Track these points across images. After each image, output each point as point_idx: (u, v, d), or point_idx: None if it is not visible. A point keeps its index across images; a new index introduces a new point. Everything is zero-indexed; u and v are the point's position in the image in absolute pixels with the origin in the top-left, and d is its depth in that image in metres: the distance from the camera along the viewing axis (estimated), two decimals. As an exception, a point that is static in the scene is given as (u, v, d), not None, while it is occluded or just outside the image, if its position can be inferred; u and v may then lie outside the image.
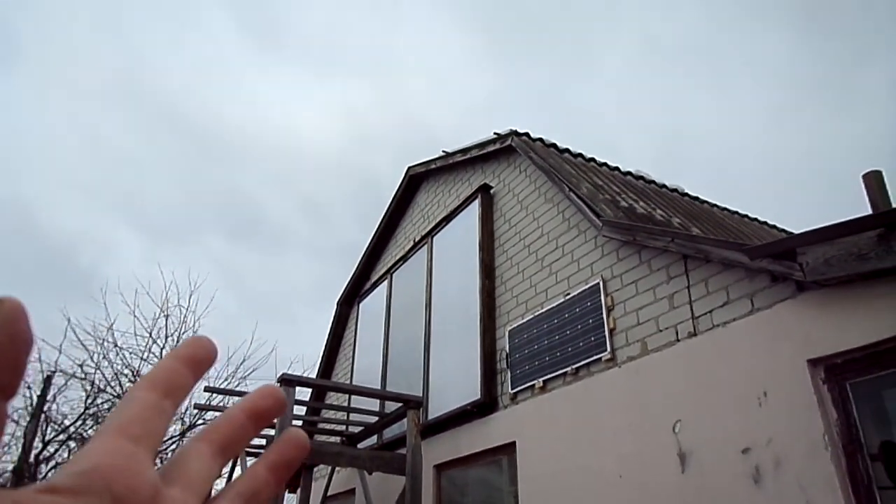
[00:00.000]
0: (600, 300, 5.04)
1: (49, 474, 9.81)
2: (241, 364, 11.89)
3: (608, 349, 4.80)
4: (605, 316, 4.94)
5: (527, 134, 7.05)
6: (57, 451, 9.92)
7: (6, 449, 9.48)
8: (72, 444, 10.10)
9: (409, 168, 9.49)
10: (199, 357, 0.34)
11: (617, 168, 7.71)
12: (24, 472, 9.20)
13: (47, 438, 9.84)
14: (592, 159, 7.51)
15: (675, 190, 8.30)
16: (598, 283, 5.10)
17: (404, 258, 8.90)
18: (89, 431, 10.19)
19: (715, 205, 8.84)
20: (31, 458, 9.56)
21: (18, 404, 9.96)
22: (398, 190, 9.76)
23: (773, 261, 3.53)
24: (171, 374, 0.32)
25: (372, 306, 9.62)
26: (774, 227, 9.51)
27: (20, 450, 9.53)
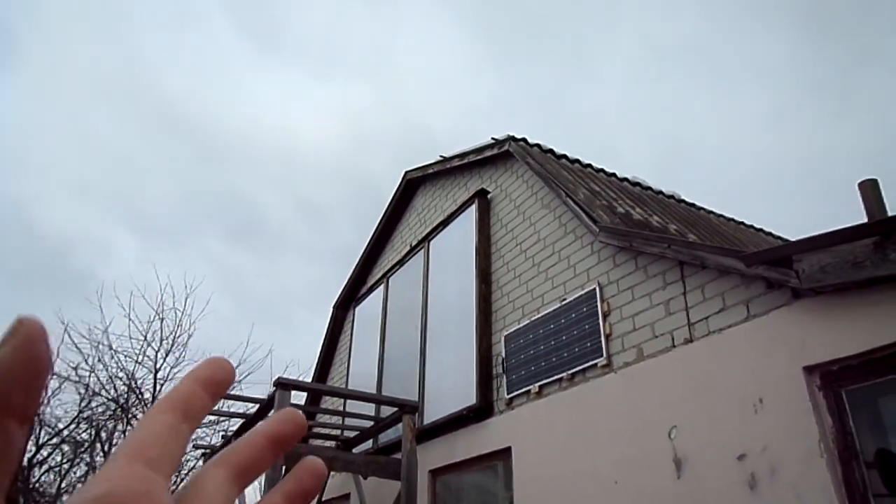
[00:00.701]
0: (596, 306, 5.04)
1: (42, 478, 9.76)
2: (237, 367, 11.84)
3: (604, 355, 4.80)
4: (601, 321, 4.94)
5: (524, 139, 7.06)
6: (50, 454, 9.88)
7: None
8: (65, 447, 10.06)
9: (407, 172, 9.50)
10: (218, 379, 0.33)
11: (614, 174, 7.73)
12: (17, 476, 9.16)
13: (41, 442, 9.78)
14: (589, 165, 7.52)
15: (671, 196, 8.32)
16: (595, 289, 5.11)
17: (401, 262, 8.90)
18: (83, 435, 10.15)
19: (711, 211, 8.86)
20: (24, 462, 9.50)
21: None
22: (395, 194, 9.76)
23: (770, 268, 3.54)
24: (189, 396, 0.32)
25: (368, 310, 9.61)
26: (770, 234, 9.53)
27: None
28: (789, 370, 3.43)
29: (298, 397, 9.05)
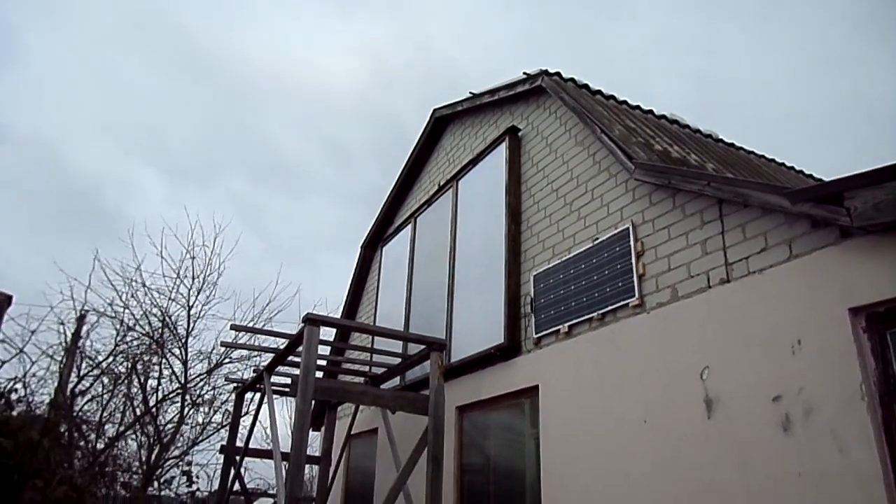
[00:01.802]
0: (630, 245, 4.92)
1: (85, 406, 10.16)
2: (267, 305, 12.03)
3: (636, 295, 4.71)
4: (634, 261, 4.83)
5: (558, 73, 6.80)
6: (91, 385, 10.24)
7: (42, 382, 9.79)
8: (105, 379, 10.41)
9: (435, 110, 9.29)
10: None
11: (651, 111, 7.45)
12: (62, 405, 9.53)
13: (82, 373, 10.14)
14: (625, 101, 7.25)
15: (709, 135, 8.02)
16: (628, 228, 4.97)
17: (429, 202, 8.81)
18: (120, 368, 10.47)
19: (751, 151, 8.54)
20: (68, 392, 9.88)
21: (53, 340, 10.26)
22: (423, 132, 9.59)
23: (816, 205, 3.37)
24: None
25: (396, 250, 9.61)
26: (811, 176, 9.18)
27: (56, 383, 9.86)
28: (832, 311, 3.30)
29: (327, 334, 9.20)
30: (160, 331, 10.76)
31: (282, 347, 7.23)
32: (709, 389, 3.93)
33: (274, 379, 7.80)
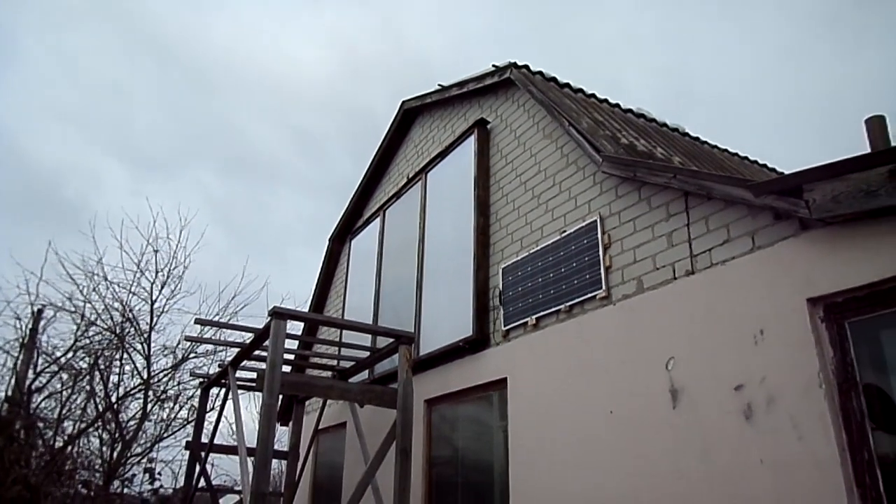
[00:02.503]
0: (597, 238, 4.95)
1: (42, 404, 9.88)
2: (233, 299, 11.86)
3: (603, 287, 4.75)
4: (601, 254, 4.87)
5: (526, 66, 6.81)
6: (49, 381, 9.97)
7: (-1, 379, 9.49)
8: (64, 375, 10.14)
9: (404, 102, 9.23)
10: None
11: (617, 105, 7.51)
12: (19, 402, 9.25)
13: (39, 369, 9.85)
14: (593, 95, 7.29)
15: (675, 129, 8.13)
16: (596, 221, 5.01)
17: (397, 195, 8.76)
18: (80, 363, 10.21)
19: (715, 146, 8.69)
20: (24, 388, 9.60)
21: (9, 335, 9.94)
22: (392, 124, 9.52)
23: (778, 197, 3.43)
24: None
25: (364, 243, 9.53)
26: (774, 169, 9.38)
27: (12, 379, 9.56)
28: (792, 302, 3.37)
29: (295, 328, 9.09)
30: (122, 325, 10.52)
31: (248, 342, 7.12)
32: (674, 380, 3.99)
33: (240, 374, 7.68)
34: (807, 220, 3.35)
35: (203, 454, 8.22)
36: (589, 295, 4.88)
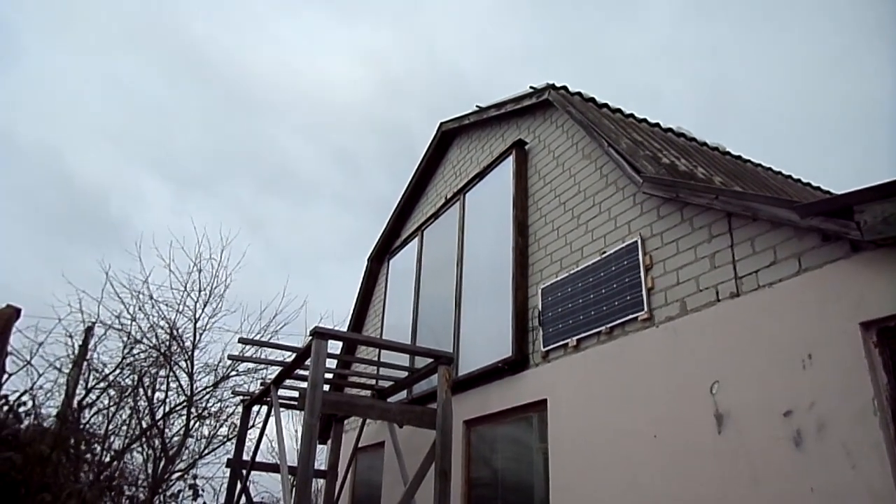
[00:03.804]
0: (638, 259, 4.92)
1: (91, 419, 10.17)
2: (273, 318, 12.04)
3: (645, 308, 4.70)
4: (642, 275, 4.83)
5: (564, 87, 6.83)
6: (98, 397, 10.25)
7: (49, 395, 9.81)
8: (111, 391, 10.42)
9: (442, 124, 9.34)
10: None
11: (657, 124, 7.47)
12: (68, 417, 9.54)
13: (89, 385, 10.15)
14: (632, 115, 7.27)
15: (716, 148, 8.03)
16: (636, 242, 4.97)
17: (435, 215, 8.83)
18: (126, 380, 10.48)
19: (759, 164, 8.54)
20: (74, 404, 9.90)
21: (60, 353, 10.28)
22: (430, 146, 9.63)
23: (826, 219, 3.37)
24: None
25: (402, 263, 9.62)
26: (819, 188, 9.17)
27: (63, 395, 9.88)
28: (843, 326, 3.29)
29: (334, 347, 9.20)
30: (167, 343, 10.79)
31: (289, 361, 7.23)
32: (719, 404, 3.92)
33: (281, 392, 7.80)
34: (857, 241, 3.28)
35: (244, 471, 8.34)
36: (630, 316, 4.83)
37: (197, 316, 11.04)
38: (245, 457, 8.52)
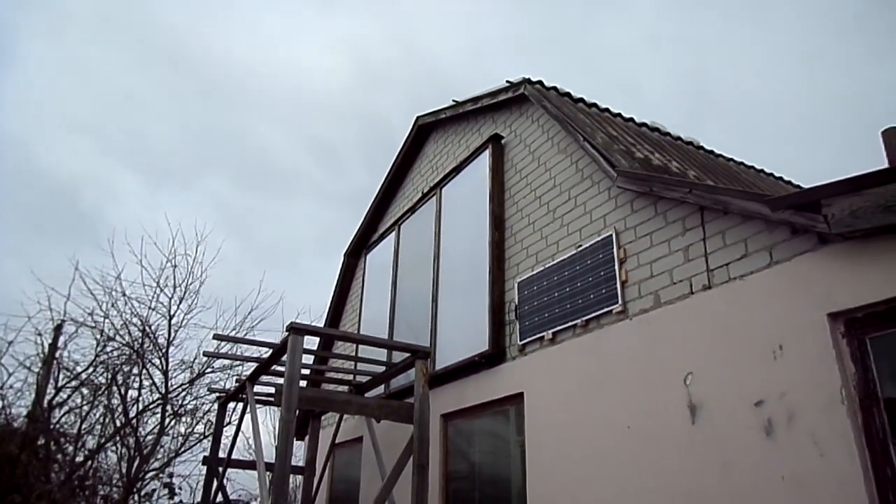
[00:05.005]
0: (613, 252, 4.96)
1: (63, 419, 9.98)
2: (249, 314, 11.92)
3: (620, 302, 4.74)
4: (617, 268, 4.87)
5: (540, 82, 6.85)
6: (70, 396, 10.06)
7: (19, 394, 9.61)
8: (84, 390, 10.24)
9: (418, 118, 9.31)
10: None
11: (632, 119, 7.53)
12: (39, 417, 9.35)
13: (59, 384, 9.96)
14: (607, 109, 7.32)
15: (690, 142, 8.12)
16: (611, 235, 5.01)
17: (412, 210, 8.81)
18: (99, 379, 10.31)
19: (731, 159, 8.66)
20: (45, 404, 9.71)
21: (30, 351, 10.07)
22: (406, 140, 9.60)
23: (796, 212, 3.42)
24: None
25: (379, 258, 9.59)
26: (790, 182, 9.34)
27: (34, 395, 9.68)
28: (812, 317, 3.35)
29: (311, 342, 9.14)
30: (140, 340, 10.62)
31: (265, 357, 7.17)
32: (692, 395, 3.97)
33: (257, 388, 7.73)
34: (825, 234, 3.34)
35: (220, 469, 8.26)
36: (605, 309, 4.88)
37: (172, 312, 10.88)
38: (221, 454, 8.44)
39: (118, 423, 10.33)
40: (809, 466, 3.20)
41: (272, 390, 8.08)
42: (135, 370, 10.64)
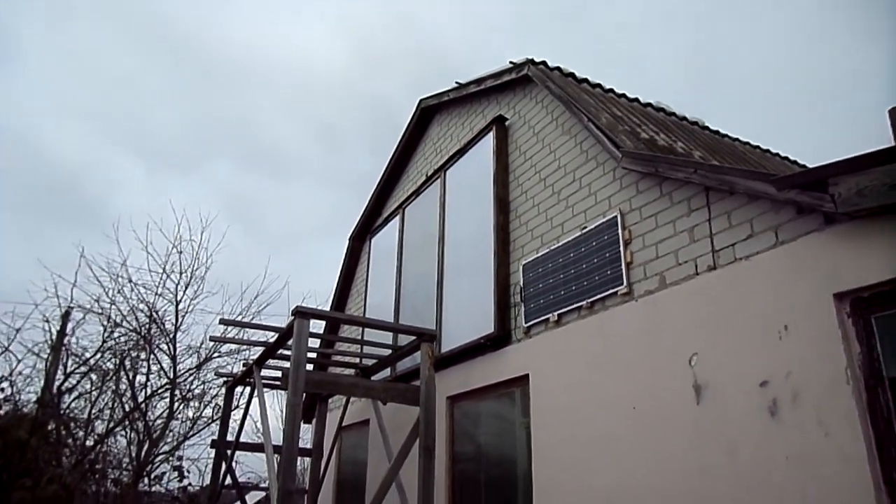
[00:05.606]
0: (618, 234, 4.94)
1: (72, 404, 10.09)
2: (255, 299, 11.98)
3: (625, 283, 4.74)
4: (622, 249, 4.86)
5: (544, 62, 6.79)
6: (79, 382, 10.16)
7: (29, 380, 9.71)
8: (93, 376, 10.34)
9: (422, 100, 9.25)
10: None
11: (637, 99, 7.46)
12: (49, 403, 9.45)
13: (68, 370, 10.06)
14: (611, 90, 7.26)
15: (695, 123, 8.05)
16: (616, 217, 5.00)
17: (417, 193, 8.79)
18: (108, 364, 10.40)
19: (736, 139, 8.59)
20: (55, 389, 9.81)
21: (38, 338, 10.15)
22: (410, 123, 9.55)
23: (802, 192, 3.40)
24: None
25: (384, 241, 9.59)
26: (795, 162, 9.26)
27: (43, 381, 9.78)
28: (818, 297, 3.34)
29: (317, 326, 9.18)
30: (148, 326, 10.70)
31: (272, 341, 7.21)
32: (697, 375, 3.98)
33: (264, 372, 7.79)
34: (831, 214, 3.32)
35: (228, 452, 8.35)
36: (610, 291, 4.87)
37: (178, 298, 10.95)
38: (229, 437, 8.53)
39: (127, 408, 10.44)
40: (814, 446, 3.20)
41: (279, 374, 8.13)
42: (142, 355, 10.74)
